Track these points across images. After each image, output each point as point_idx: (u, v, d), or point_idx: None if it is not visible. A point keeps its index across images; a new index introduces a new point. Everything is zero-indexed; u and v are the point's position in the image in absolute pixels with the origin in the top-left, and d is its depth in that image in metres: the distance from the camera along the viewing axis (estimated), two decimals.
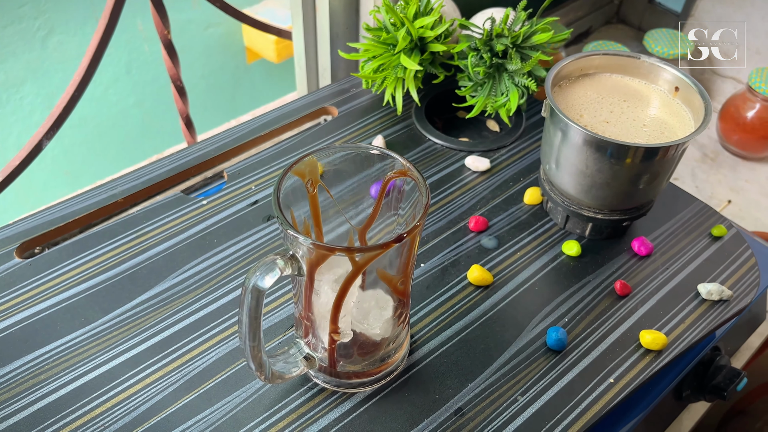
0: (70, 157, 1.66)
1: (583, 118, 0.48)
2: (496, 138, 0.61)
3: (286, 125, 0.62)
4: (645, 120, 0.48)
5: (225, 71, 1.61)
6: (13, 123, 1.55)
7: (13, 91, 1.54)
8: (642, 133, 0.47)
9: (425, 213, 0.35)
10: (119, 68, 1.54)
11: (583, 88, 0.51)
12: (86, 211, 0.53)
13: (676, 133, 0.47)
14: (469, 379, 0.43)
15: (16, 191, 1.30)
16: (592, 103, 0.49)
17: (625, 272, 0.50)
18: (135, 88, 1.55)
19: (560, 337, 0.45)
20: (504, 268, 0.50)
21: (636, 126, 0.48)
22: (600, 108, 0.49)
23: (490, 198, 0.55)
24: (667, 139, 0.47)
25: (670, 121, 0.48)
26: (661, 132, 0.47)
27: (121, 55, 1.52)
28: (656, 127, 0.48)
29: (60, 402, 0.41)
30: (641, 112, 0.49)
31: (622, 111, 0.49)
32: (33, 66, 1.48)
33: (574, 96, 0.50)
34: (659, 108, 0.49)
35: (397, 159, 0.38)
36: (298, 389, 0.42)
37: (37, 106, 1.60)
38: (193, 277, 0.49)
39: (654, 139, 0.47)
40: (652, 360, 0.44)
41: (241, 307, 0.35)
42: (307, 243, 0.33)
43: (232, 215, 0.53)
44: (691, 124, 0.47)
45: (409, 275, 0.38)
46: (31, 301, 0.47)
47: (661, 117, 0.49)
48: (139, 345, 0.44)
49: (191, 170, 0.57)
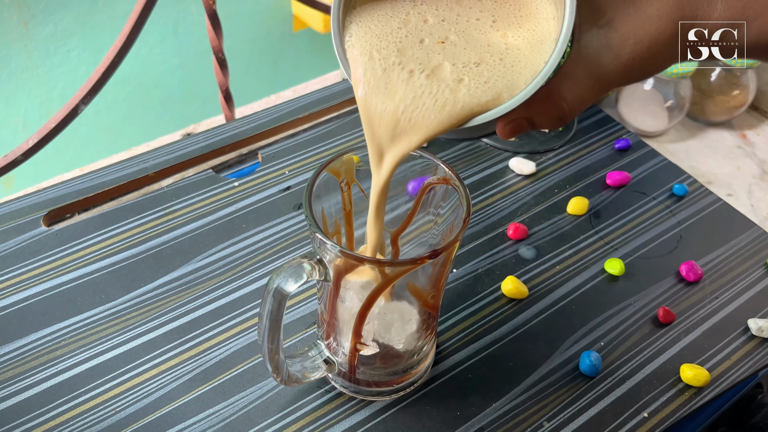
0: (112, 114, 1.66)
1: (372, 59, 0.29)
2: (544, 140, 0.58)
3: (325, 109, 0.59)
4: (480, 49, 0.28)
5: (270, 38, 1.58)
6: (59, 75, 1.56)
7: (61, 43, 1.55)
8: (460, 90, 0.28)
9: (464, 227, 0.32)
10: (166, 28, 1.53)
11: None
12: (116, 183, 0.52)
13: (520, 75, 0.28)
14: (494, 397, 0.41)
15: (57, 145, 1.31)
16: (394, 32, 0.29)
17: (669, 298, 0.47)
18: (180, 49, 1.54)
19: (594, 363, 0.42)
20: (540, 282, 0.47)
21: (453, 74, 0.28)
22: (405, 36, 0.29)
23: (533, 204, 0.52)
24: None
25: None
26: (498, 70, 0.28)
27: (169, 15, 1.51)
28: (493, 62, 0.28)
29: (73, 381, 0.40)
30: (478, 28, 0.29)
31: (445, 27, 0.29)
32: (82, 19, 1.48)
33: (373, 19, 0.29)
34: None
35: (439, 165, 0.35)
36: (315, 391, 0.41)
37: (84, 60, 1.61)
38: (218, 262, 0.47)
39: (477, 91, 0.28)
40: (691, 397, 0.42)
41: (262, 308, 0.33)
42: (335, 250, 0.31)
43: (263, 200, 0.51)
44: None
45: (441, 289, 0.36)
46: (54, 272, 0.46)
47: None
48: (158, 329, 0.43)
49: (225, 148, 0.55)
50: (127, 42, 0.56)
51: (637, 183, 0.55)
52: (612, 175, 0.54)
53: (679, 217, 0.52)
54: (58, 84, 1.56)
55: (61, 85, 1.57)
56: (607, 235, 0.51)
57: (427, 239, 0.41)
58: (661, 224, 0.52)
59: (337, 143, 0.56)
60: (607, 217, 0.52)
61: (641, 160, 0.57)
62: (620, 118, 0.72)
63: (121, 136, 1.54)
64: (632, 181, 0.55)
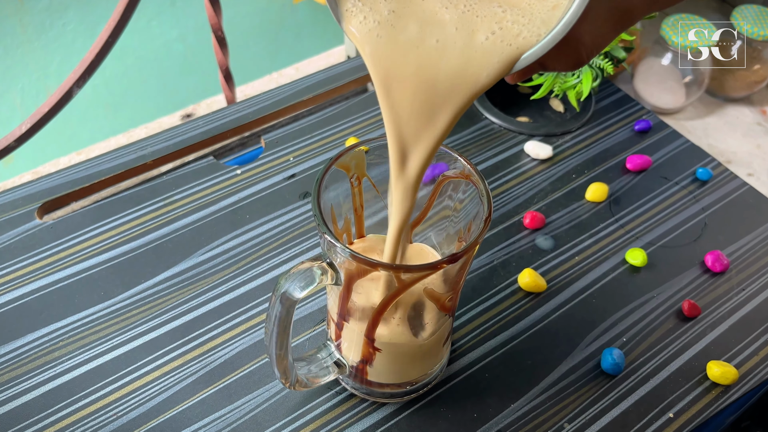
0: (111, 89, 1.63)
1: None
2: (561, 121, 0.55)
3: (330, 90, 0.57)
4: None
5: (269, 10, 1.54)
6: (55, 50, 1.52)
7: (57, 16, 1.51)
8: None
9: (485, 228, 0.30)
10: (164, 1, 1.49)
11: None
12: (113, 172, 0.50)
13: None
14: (512, 398, 0.39)
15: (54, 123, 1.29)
16: None
17: (694, 290, 0.45)
18: (178, 22, 1.50)
19: (617, 361, 0.40)
20: (559, 274, 0.45)
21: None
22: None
23: (549, 191, 0.50)
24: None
25: None
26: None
27: None
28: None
29: (71, 384, 0.39)
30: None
31: None
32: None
33: None
34: None
35: (459, 159, 0.33)
36: (325, 392, 0.39)
37: (80, 34, 1.57)
38: (221, 255, 0.45)
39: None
40: (718, 396, 0.40)
41: (269, 315, 0.31)
42: (346, 254, 0.29)
43: (268, 189, 0.49)
44: None
45: (458, 291, 0.34)
46: (50, 268, 0.44)
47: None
48: (160, 327, 0.41)
49: (226, 134, 0.53)
50: (121, 20, 0.53)
51: (658, 167, 0.52)
52: (632, 159, 0.52)
53: (703, 203, 0.50)
54: (55, 59, 1.52)
55: (57, 60, 1.53)
56: (628, 223, 0.48)
57: (445, 227, 0.38)
58: (684, 211, 0.49)
59: (343, 127, 0.53)
60: (627, 204, 0.49)
61: (662, 143, 0.54)
62: (636, 94, 0.69)
63: (120, 112, 1.51)
64: (653, 165, 0.52)
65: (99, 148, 0.72)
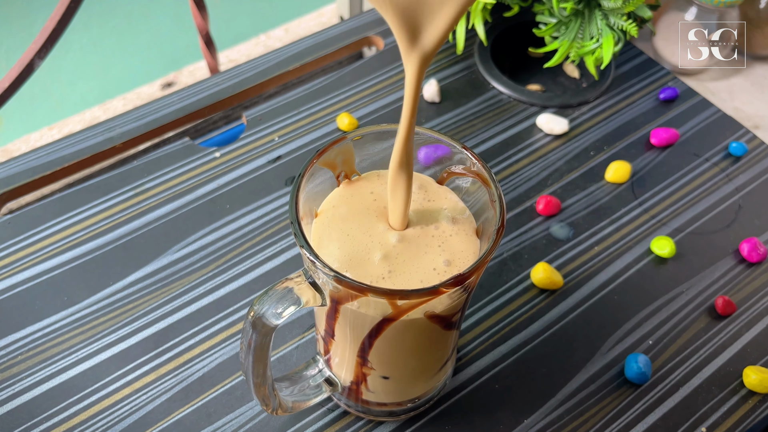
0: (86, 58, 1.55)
1: None
2: (577, 90, 0.50)
3: (320, 58, 0.51)
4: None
5: None
6: (15, 20, 1.45)
7: None
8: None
9: (498, 241, 0.25)
10: None
11: None
12: (78, 157, 0.44)
13: None
14: (525, 412, 0.35)
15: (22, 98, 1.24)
16: None
17: (728, 284, 0.40)
18: None
19: (642, 369, 0.36)
20: (576, 267, 0.40)
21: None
22: None
23: (565, 171, 0.45)
24: None
25: None
26: None
27: None
28: None
29: (32, 405, 0.34)
30: None
31: None
32: None
33: None
34: None
35: (464, 152, 0.28)
36: (316, 410, 0.35)
37: None
38: (198, 252, 0.40)
39: None
40: (756, 406, 0.36)
41: (243, 342, 0.27)
42: (330, 278, 0.24)
43: (250, 173, 0.44)
44: None
45: (465, 309, 0.29)
46: (7, 270, 0.39)
47: None
48: (130, 337, 0.37)
49: (204, 110, 0.48)
50: None
51: (686, 141, 0.47)
52: (657, 132, 0.46)
53: (736, 182, 0.45)
54: (12, 30, 1.44)
55: (15, 31, 1.45)
56: (653, 207, 0.43)
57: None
58: (716, 192, 0.44)
59: (334, 101, 0.48)
60: (652, 185, 0.44)
61: (691, 113, 0.48)
62: (656, 54, 0.63)
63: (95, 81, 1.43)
64: (681, 140, 0.47)
65: (73, 122, 0.67)
